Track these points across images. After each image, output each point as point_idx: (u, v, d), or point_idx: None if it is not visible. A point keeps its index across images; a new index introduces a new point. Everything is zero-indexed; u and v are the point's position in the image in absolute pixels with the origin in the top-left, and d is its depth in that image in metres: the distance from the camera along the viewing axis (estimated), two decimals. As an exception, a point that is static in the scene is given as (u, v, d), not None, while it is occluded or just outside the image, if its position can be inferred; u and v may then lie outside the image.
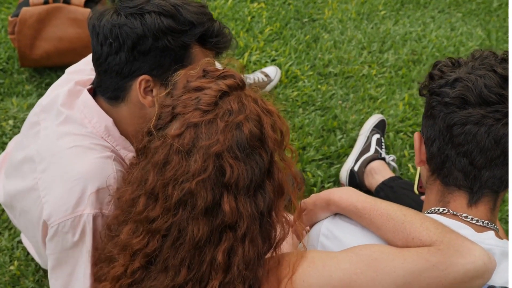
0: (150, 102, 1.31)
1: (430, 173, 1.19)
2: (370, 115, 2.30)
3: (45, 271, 1.84)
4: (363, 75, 2.48)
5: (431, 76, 1.17)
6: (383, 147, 2.12)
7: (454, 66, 1.17)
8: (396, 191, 1.88)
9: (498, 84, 1.08)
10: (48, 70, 2.43)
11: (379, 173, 1.99)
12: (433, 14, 2.74)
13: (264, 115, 1.09)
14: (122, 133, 1.36)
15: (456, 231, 1.06)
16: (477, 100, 1.08)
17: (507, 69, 1.11)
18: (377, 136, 2.12)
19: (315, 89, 2.42)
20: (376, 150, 2.08)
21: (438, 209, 1.16)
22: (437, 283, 1.03)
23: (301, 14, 2.75)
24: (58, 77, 2.45)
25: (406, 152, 2.20)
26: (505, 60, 1.14)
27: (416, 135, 1.22)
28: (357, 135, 2.23)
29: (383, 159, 2.07)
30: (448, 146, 1.12)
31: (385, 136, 2.23)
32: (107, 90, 1.34)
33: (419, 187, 1.51)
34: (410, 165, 2.16)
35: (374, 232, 1.14)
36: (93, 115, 1.34)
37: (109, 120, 1.34)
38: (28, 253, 1.87)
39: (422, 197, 1.50)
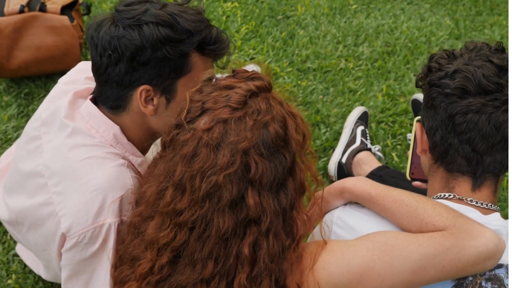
0: (151, 111, 1.33)
1: (433, 161, 1.25)
2: (351, 107, 2.36)
3: (45, 283, 1.83)
4: (341, 69, 2.53)
5: (429, 69, 1.23)
6: (368, 138, 2.18)
7: (450, 58, 1.23)
8: (385, 180, 1.94)
9: (496, 74, 1.15)
10: (26, 80, 2.40)
11: (366, 163, 2.05)
12: (402, 6, 2.82)
13: (288, 117, 1.15)
14: (128, 139, 1.37)
15: (465, 214, 1.12)
16: (477, 89, 1.15)
17: (502, 58, 1.17)
18: (361, 127, 2.18)
19: (296, 85, 2.47)
20: (361, 142, 2.14)
21: (444, 195, 1.21)
22: (451, 266, 1.08)
23: (275, 12, 2.78)
24: (37, 86, 2.43)
25: (389, 142, 2.27)
26: (499, 50, 1.21)
27: (417, 126, 1.27)
28: (340, 128, 2.28)
29: (369, 149, 2.13)
30: (450, 134, 1.18)
31: (368, 127, 2.29)
32: (108, 99, 1.35)
33: (411, 173, 1.57)
34: (393, 154, 2.23)
35: (387, 218, 1.19)
36: (100, 125, 1.34)
37: (116, 128, 1.35)
38: (25, 266, 1.85)
39: (414, 183, 1.56)
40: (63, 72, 2.46)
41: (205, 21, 1.34)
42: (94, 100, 1.39)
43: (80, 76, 1.52)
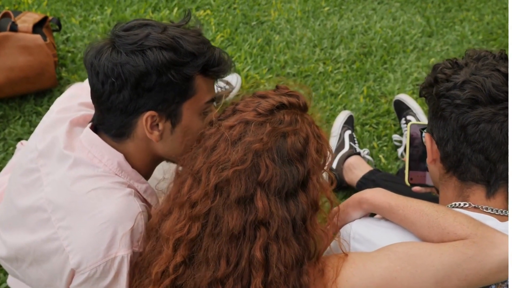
0: (157, 137, 1.30)
1: (444, 170, 1.26)
2: (334, 111, 2.37)
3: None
4: (320, 72, 2.54)
5: (435, 80, 1.24)
6: (356, 142, 2.20)
7: (455, 68, 1.24)
8: (379, 184, 1.96)
9: (504, 82, 1.17)
10: (-1, 102, 2.31)
11: (357, 168, 2.07)
12: (373, 6, 2.85)
13: (313, 136, 1.19)
14: (132, 167, 1.34)
15: (483, 222, 1.14)
16: (487, 99, 1.16)
17: (508, 67, 1.20)
18: (348, 132, 2.19)
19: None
20: (350, 146, 2.15)
21: (459, 204, 1.23)
22: (474, 274, 1.10)
23: (248, 18, 2.77)
24: (12, 108, 2.34)
25: (375, 144, 2.29)
26: (502, 58, 1.23)
27: (427, 136, 1.28)
28: (326, 133, 2.28)
29: (358, 153, 2.15)
30: (463, 144, 1.19)
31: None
32: (111, 127, 1.31)
33: (410, 178, 1.59)
34: (381, 156, 2.25)
35: (407, 229, 1.20)
36: (103, 154, 1.30)
37: (120, 156, 1.31)
38: (19, 299, 1.78)
39: (414, 188, 1.58)
40: (37, 93, 2.41)
41: (206, 42, 1.31)
42: (94, 128, 1.35)
43: (73, 102, 1.47)
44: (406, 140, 1.60)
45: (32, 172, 1.37)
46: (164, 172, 1.50)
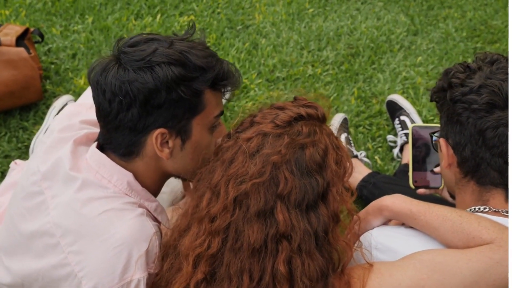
0: (167, 155, 1.26)
1: (462, 175, 1.26)
2: (327, 114, 2.35)
3: None
4: (309, 75, 2.53)
5: (450, 85, 1.23)
6: (352, 144, 2.19)
7: (467, 72, 1.24)
8: (380, 186, 1.95)
9: None
10: (-16, 119, 2.23)
11: (356, 171, 2.06)
12: (357, 6, 2.84)
13: (331, 148, 1.18)
14: (141, 185, 1.30)
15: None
16: (505, 103, 1.16)
17: None
18: (345, 134, 2.18)
19: (268, 97, 2.44)
20: (347, 149, 2.14)
21: (479, 208, 1.23)
22: (502, 279, 1.10)
23: (233, 22, 2.74)
24: (-4, 124, 2.26)
25: (370, 145, 2.29)
26: None
27: (442, 142, 1.28)
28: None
29: (356, 156, 2.14)
30: (481, 149, 1.19)
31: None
32: (119, 146, 1.27)
33: (414, 181, 1.59)
34: (376, 157, 2.25)
35: (430, 235, 1.19)
36: (112, 174, 1.26)
37: (129, 175, 1.27)
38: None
39: (419, 191, 1.57)
40: (23, 107, 2.33)
41: (214, 55, 1.28)
42: (100, 147, 1.30)
43: (73, 120, 1.42)
44: (409, 143, 1.60)
45: (36, 195, 1.32)
46: (172, 188, 1.47)
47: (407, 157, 2.17)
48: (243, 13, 2.79)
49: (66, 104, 2.28)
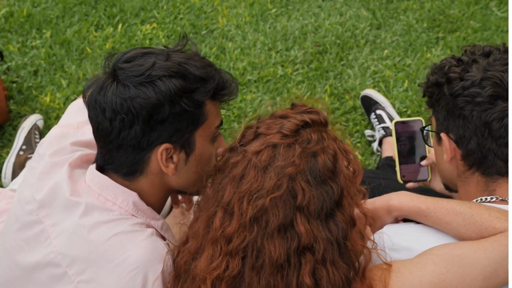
0: (172, 170, 1.23)
1: (466, 167, 1.28)
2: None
3: None
4: (281, 76, 2.52)
5: (448, 80, 1.25)
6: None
7: (461, 65, 1.25)
8: (365, 181, 1.96)
9: None
10: None
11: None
12: (318, 4, 2.85)
13: (340, 152, 1.16)
14: (147, 204, 1.26)
15: None
16: (507, 93, 1.18)
17: None
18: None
19: (242, 100, 2.42)
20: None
21: (486, 198, 1.25)
22: None
23: (197, 28, 2.70)
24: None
25: (348, 141, 2.29)
26: (506, 51, 1.26)
27: (444, 137, 1.28)
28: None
29: (338, 154, 2.14)
30: (488, 140, 1.21)
31: (326, 130, 2.30)
32: (122, 166, 1.22)
33: (402, 176, 1.60)
34: (356, 153, 2.27)
35: (442, 230, 1.20)
36: (117, 195, 1.21)
37: (134, 195, 1.23)
38: None
39: (408, 185, 1.59)
40: (-12, 130, 2.22)
41: (212, 65, 1.25)
42: (99, 168, 1.25)
43: (63, 143, 1.35)
44: (393, 139, 1.61)
45: (34, 225, 1.25)
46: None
47: (387, 150, 2.19)
48: (206, 17, 2.75)
49: (35, 124, 2.19)
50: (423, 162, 1.57)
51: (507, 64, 1.21)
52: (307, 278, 1.07)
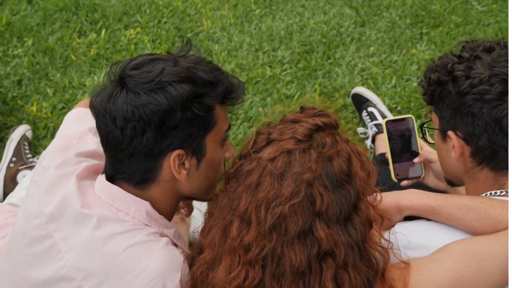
0: (185, 176, 1.21)
1: (475, 164, 1.28)
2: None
3: None
4: (269, 76, 2.51)
5: (454, 78, 1.25)
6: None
7: (463, 62, 1.26)
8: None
9: None
10: None
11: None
12: (302, 3, 2.86)
13: (353, 155, 1.14)
14: (159, 213, 1.24)
15: None
16: None
17: None
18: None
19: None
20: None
21: (495, 192, 1.26)
22: None
23: (182, 31, 2.67)
24: None
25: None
26: (506, 46, 1.27)
27: (452, 135, 1.29)
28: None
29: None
30: (498, 136, 1.22)
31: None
32: (134, 175, 1.20)
33: (396, 174, 1.62)
34: (350, 151, 2.27)
35: (455, 226, 1.21)
36: (129, 205, 1.19)
37: (147, 204, 1.20)
38: None
39: (402, 183, 1.60)
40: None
41: (219, 69, 1.24)
42: (109, 179, 1.23)
43: (67, 154, 1.32)
44: (384, 138, 1.62)
45: (43, 240, 1.22)
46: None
47: (381, 147, 2.20)
48: (190, 20, 2.73)
49: (24, 135, 2.14)
50: (416, 160, 1.59)
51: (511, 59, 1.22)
52: (330, 284, 1.06)
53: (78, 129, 1.44)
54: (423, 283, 1.12)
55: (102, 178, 1.23)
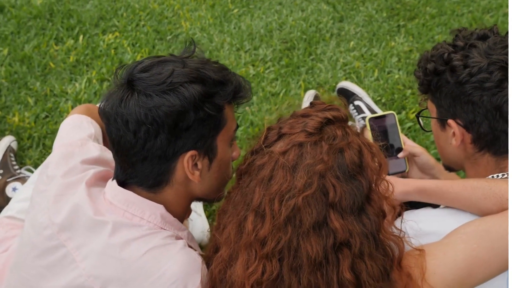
0: (198, 177, 1.20)
1: (476, 150, 1.31)
2: (281, 111, 2.36)
3: None
4: (253, 75, 2.51)
5: (452, 68, 1.27)
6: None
7: (459, 51, 1.28)
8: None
9: None
10: None
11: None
12: (279, 1, 2.86)
13: (364, 146, 1.14)
14: (172, 215, 1.22)
15: None
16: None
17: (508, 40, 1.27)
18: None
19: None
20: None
21: (497, 175, 1.28)
22: None
23: (162, 33, 2.65)
24: None
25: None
26: (498, 32, 1.30)
27: (453, 123, 1.31)
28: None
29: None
30: (499, 122, 1.24)
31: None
32: (147, 178, 1.18)
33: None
34: (339, 145, 2.29)
35: (462, 206, 1.23)
36: (144, 210, 1.17)
37: (161, 208, 1.19)
38: None
39: (387, 178, 1.63)
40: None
41: (226, 68, 1.24)
42: (121, 184, 1.21)
43: (73, 162, 1.29)
44: (369, 135, 1.65)
45: (55, 250, 1.19)
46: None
47: (369, 139, 2.23)
48: (168, 22, 2.71)
49: (9, 146, 2.09)
50: (400, 154, 1.62)
51: (507, 47, 1.25)
52: (347, 273, 1.07)
53: (78, 136, 1.41)
54: (438, 268, 1.14)
55: (113, 184, 1.21)
